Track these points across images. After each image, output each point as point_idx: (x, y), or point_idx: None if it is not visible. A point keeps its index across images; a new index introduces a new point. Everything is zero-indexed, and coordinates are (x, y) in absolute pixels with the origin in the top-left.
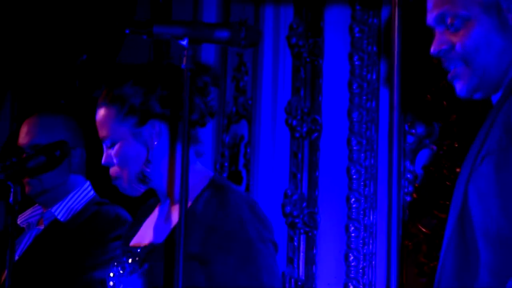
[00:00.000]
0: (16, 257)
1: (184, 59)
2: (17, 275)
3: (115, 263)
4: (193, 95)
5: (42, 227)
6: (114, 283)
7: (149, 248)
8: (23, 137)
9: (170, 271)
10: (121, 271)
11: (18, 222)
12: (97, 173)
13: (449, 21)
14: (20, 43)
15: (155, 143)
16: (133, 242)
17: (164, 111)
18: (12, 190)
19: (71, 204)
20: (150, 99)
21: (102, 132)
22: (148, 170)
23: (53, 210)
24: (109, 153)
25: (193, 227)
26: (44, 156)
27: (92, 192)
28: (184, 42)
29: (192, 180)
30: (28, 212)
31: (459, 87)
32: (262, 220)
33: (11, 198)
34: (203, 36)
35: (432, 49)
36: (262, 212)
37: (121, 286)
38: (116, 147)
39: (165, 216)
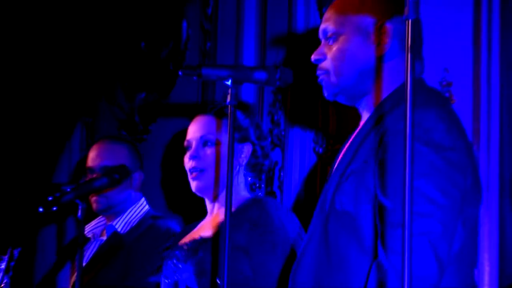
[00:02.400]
0: (84, 264)
1: (228, 97)
2: (85, 279)
3: (168, 257)
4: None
5: (104, 238)
6: (169, 274)
7: (199, 241)
8: (93, 160)
9: (217, 259)
10: (175, 261)
11: (85, 232)
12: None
13: (328, 35)
14: (91, 85)
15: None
16: (183, 241)
17: None
18: (80, 207)
19: (129, 218)
20: None
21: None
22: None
23: (114, 223)
24: None
25: (240, 225)
26: (107, 178)
27: (147, 207)
28: (228, 82)
29: (237, 195)
30: (93, 223)
31: (324, 90)
32: (299, 225)
33: (79, 214)
34: (244, 77)
35: (312, 56)
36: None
37: (176, 273)
38: None
39: (212, 218)
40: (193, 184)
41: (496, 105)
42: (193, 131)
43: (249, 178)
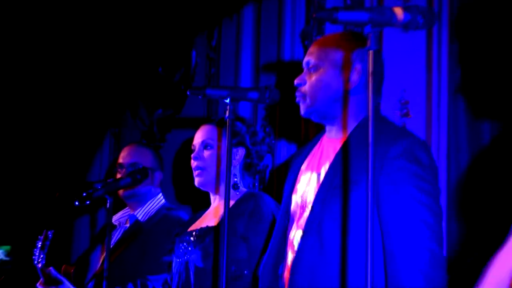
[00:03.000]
0: (111, 246)
1: (227, 112)
2: (111, 259)
3: (180, 240)
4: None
5: (128, 225)
6: (180, 255)
7: (206, 229)
8: (124, 158)
9: (217, 245)
10: (185, 245)
11: (112, 221)
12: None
13: (309, 66)
14: (118, 103)
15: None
16: (191, 228)
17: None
18: (108, 201)
19: (148, 209)
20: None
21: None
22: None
23: (135, 213)
24: None
25: (240, 216)
26: (130, 178)
27: (163, 200)
28: (227, 100)
29: (235, 192)
30: (119, 213)
31: (301, 109)
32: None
33: (108, 206)
34: (240, 96)
35: (295, 80)
36: None
37: (187, 255)
38: None
39: (214, 208)
40: (196, 180)
41: (444, 120)
42: (197, 137)
43: (244, 176)
